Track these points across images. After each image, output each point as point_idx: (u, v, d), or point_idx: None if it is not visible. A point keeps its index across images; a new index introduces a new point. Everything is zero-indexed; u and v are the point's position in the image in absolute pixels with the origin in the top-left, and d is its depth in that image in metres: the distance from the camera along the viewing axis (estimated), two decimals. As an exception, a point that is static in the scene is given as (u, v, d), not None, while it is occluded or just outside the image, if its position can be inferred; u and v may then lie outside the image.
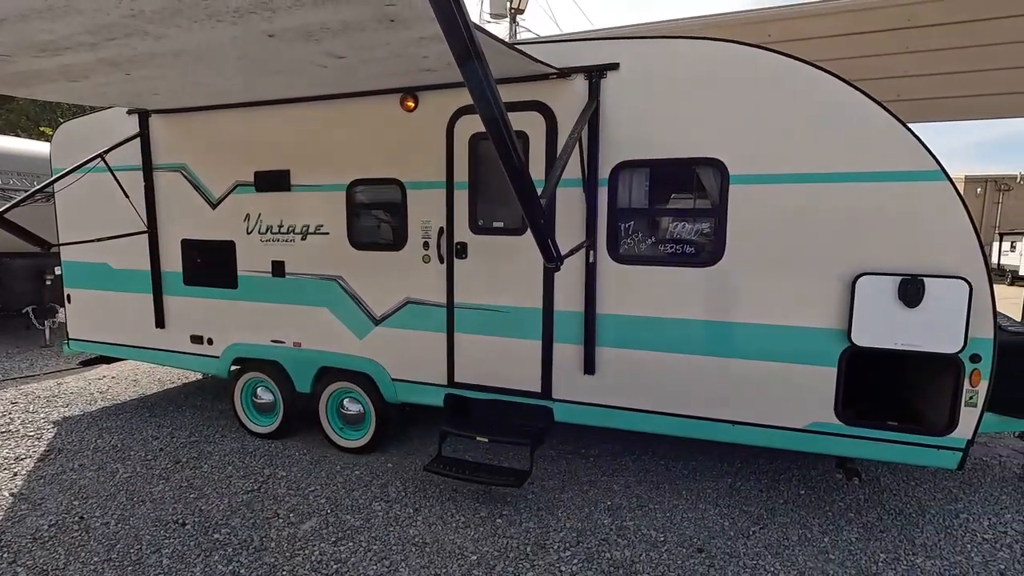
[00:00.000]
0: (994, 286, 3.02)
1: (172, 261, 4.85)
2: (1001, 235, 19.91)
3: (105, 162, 4.54)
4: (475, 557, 3.13)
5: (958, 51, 5.69)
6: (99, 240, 4.75)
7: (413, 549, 3.21)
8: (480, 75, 2.02)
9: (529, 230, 3.35)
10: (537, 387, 3.82)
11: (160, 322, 4.95)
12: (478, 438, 3.84)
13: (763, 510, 3.61)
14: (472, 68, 1.98)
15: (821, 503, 3.70)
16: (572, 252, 3.29)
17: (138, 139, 4.75)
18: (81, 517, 3.56)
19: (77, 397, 5.86)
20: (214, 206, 4.64)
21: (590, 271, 3.58)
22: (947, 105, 5.83)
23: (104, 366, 6.67)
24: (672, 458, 4.33)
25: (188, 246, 4.78)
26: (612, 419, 3.69)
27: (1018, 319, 5.01)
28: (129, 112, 4.77)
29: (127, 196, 4.63)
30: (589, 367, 3.66)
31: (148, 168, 4.80)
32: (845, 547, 3.22)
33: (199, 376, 6.51)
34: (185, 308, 4.86)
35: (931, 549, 3.20)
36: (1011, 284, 17.79)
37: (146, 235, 4.84)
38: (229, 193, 4.57)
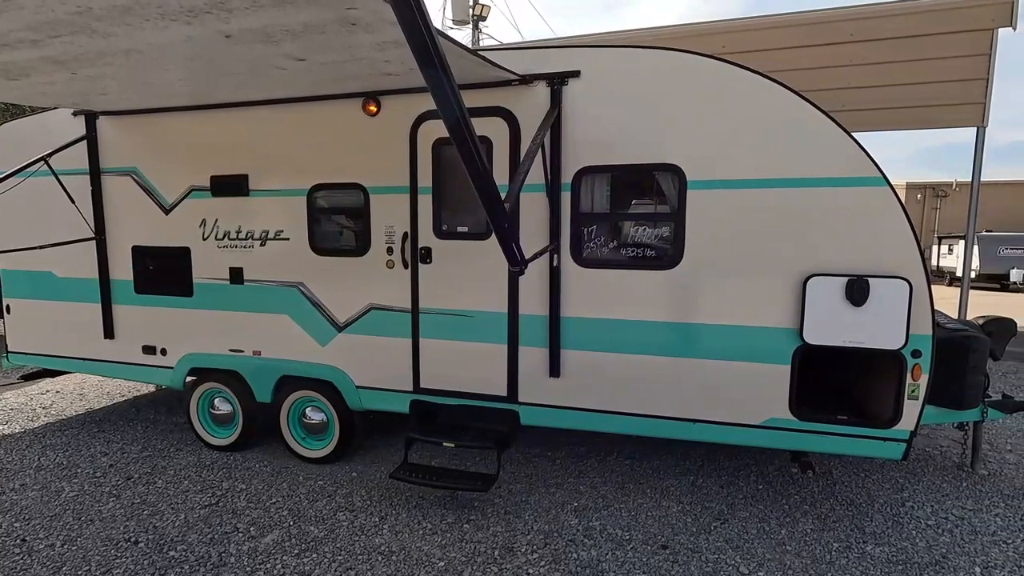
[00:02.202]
0: (932, 286, 3.20)
1: (122, 269, 4.65)
2: (940, 239, 21.08)
3: (49, 165, 4.32)
4: (442, 563, 3.11)
5: (897, 65, 6.05)
6: (42, 247, 4.52)
7: (379, 558, 3.16)
8: (444, 83, 2.03)
9: (494, 235, 3.37)
10: (503, 391, 3.83)
11: (109, 332, 4.73)
12: (444, 444, 3.82)
13: (724, 505, 3.72)
14: (435, 76, 1.99)
15: (778, 497, 3.83)
16: (536, 256, 3.32)
17: (84, 142, 4.55)
18: (23, 539, 3.36)
19: (17, 413, 5.54)
20: (167, 211, 4.48)
21: (554, 275, 3.63)
22: (888, 115, 6.18)
23: (47, 380, 6.33)
24: (636, 458, 4.41)
25: (140, 253, 4.60)
26: (578, 421, 3.73)
27: (955, 317, 5.33)
28: (75, 114, 4.57)
29: (73, 201, 4.43)
30: (554, 370, 3.70)
31: (96, 172, 4.60)
32: (801, 538, 3.35)
33: (152, 388, 6.24)
34: (136, 317, 4.66)
35: (879, 537, 3.36)
36: (950, 285, 18.84)
37: (94, 242, 4.63)
38: (183, 198, 4.43)
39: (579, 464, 4.32)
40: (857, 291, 3.13)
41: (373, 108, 3.86)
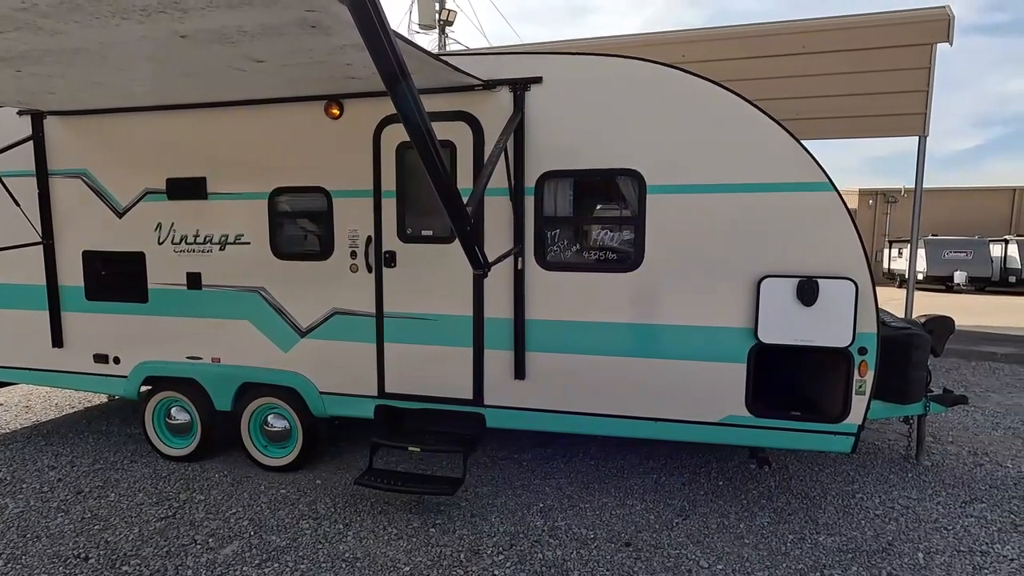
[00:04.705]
0: (884, 288, 3.36)
1: (72, 274, 4.48)
2: (890, 242, 22.05)
3: (-9, 167, 4.14)
4: (408, 568, 3.10)
5: (846, 76, 6.33)
6: (-16, 252, 4.31)
7: (343, 565, 3.12)
8: (405, 91, 2.04)
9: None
10: (469, 394, 3.84)
11: (58, 341, 4.54)
12: (410, 448, 3.80)
13: (685, 502, 3.81)
14: (397, 83, 2.01)
15: (737, 492, 3.95)
16: (500, 259, 3.35)
17: (31, 143, 4.37)
18: (-39, 560, 3.20)
19: (-44, 428, 5.25)
20: (120, 215, 4.34)
21: (518, 278, 3.66)
22: (838, 124, 6.46)
23: (-10, 392, 6.02)
24: (601, 458, 4.47)
25: (91, 258, 4.43)
26: (543, 422, 3.77)
27: (901, 316, 5.60)
28: (20, 113, 4.38)
29: (18, 204, 4.24)
30: (519, 372, 3.73)
31: (43, 174, 4.42)
32: (758, 531, 3.46)
33: (104, 399, 6.01)
34: (88, 325, 4.49)
35: (831, 527, 3.50)
36: (900, 286, 19.72)
37: (41, 246, 4.44)
38: (138, 201, 4.30)
39: (545, 466, 4.36)
40: (807, 291, 3.27)
41: (336, 111, 3.83)
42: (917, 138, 6.48)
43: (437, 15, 15.57)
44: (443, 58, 3.29)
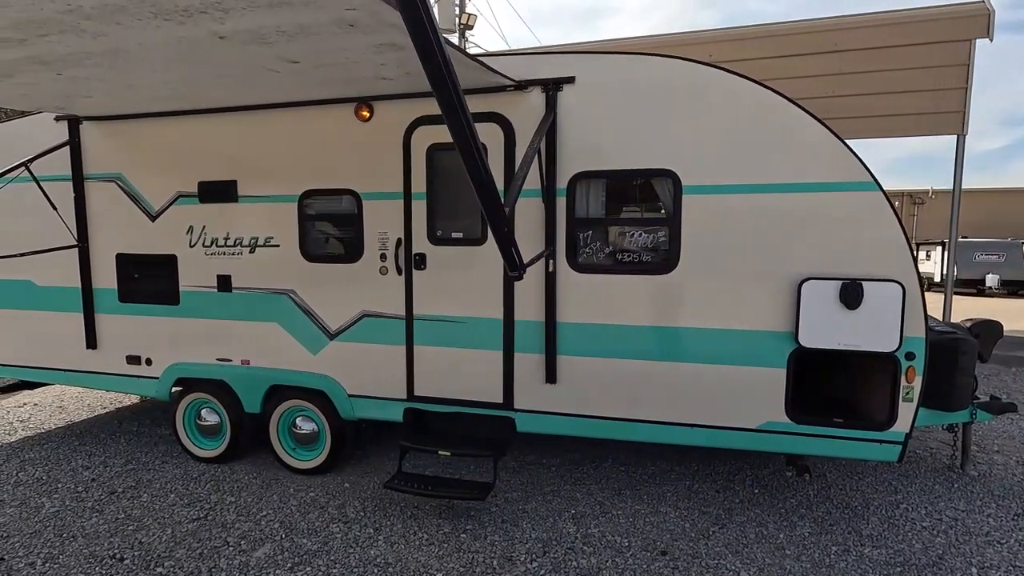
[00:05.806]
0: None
1: (106, 277, 4.53)
2: (917, 245, 21.53)
3: (30, 171, 4.21)
4: (440, 575, 3.05)
5: (881, 74, 6.18)
6: (22, 255, 4.40)
7: (375, 570, 3.09)
8: (448, 84, 2.01)
9: (490, 239, 3.35)
10: (499, 398, 3.79)
11: (92, 343, 4.60)
12: (439, 452, 3.77)
13: (721, 510, 3.71)
14: (440, 76, 1.98)
15: (775, 501, 3.83)
16: (534, 261, 3.30)
17: (67, 148, 4.44)
18: (1, 558, 3.23)
19: (-7, 427, 5.35)
20: (153, 218, 4.39)
21: (550, 280, 3.61)
22: (872, 123, 6.30)
23: (25, 392, 6.14)
24: (632, 464, 4.39)
25: (124, 261, 4.49)
26: (574, 427, 3.70)
27: (940, 320, 5.41)
28: (57, 119, 4.46)
29: (55, 208, 4.31)
30: (550, 376, 3.67)
31: (79, 178, 4.49)
32: (799, 542, 3.35)
33: (135, 400, 6.09)
34: (120, 327, 4.54)
35: (877, 539, 3.37)
36: (928, 290, 19.21)
37: (76, 250, 4.51)
38: (170, 204, 4.34)
39: (574, 471, 4.29)
40: (851, 294, 3.16)
41: (366, 113, 3.83)
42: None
43: (457, 19, 15.64)
44: (477, 58, 3.26)
